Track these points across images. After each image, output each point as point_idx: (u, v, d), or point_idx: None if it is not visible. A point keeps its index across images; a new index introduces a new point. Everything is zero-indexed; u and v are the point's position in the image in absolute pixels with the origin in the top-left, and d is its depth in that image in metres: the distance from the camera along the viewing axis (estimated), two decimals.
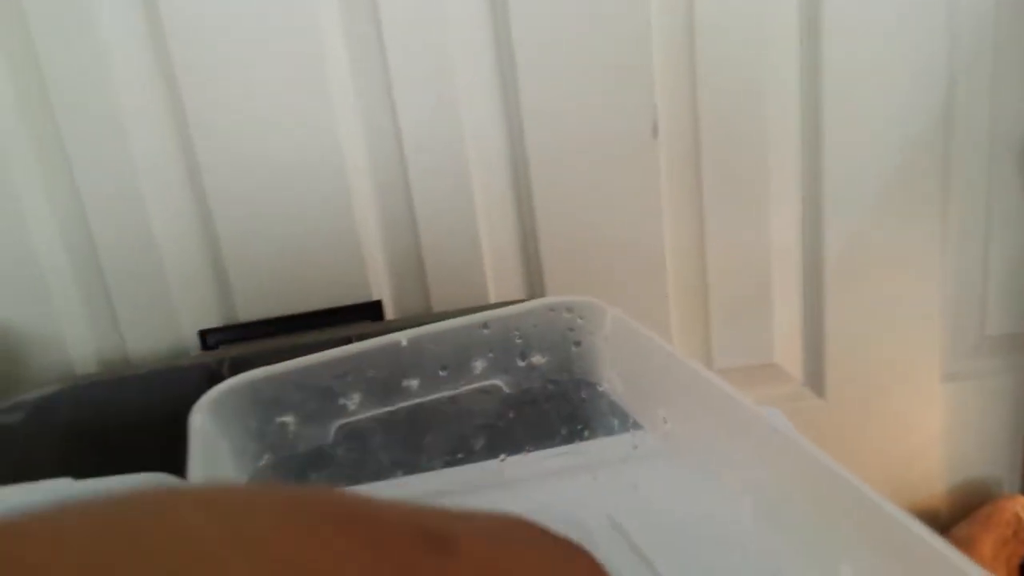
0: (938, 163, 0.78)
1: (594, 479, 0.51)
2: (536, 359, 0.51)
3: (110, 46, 0.68)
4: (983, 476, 0.88)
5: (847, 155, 0.77)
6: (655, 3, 0.73)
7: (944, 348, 0.83)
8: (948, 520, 0.87)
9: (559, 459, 0.52)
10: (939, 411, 0.85)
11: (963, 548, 0.32)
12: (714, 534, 0.42)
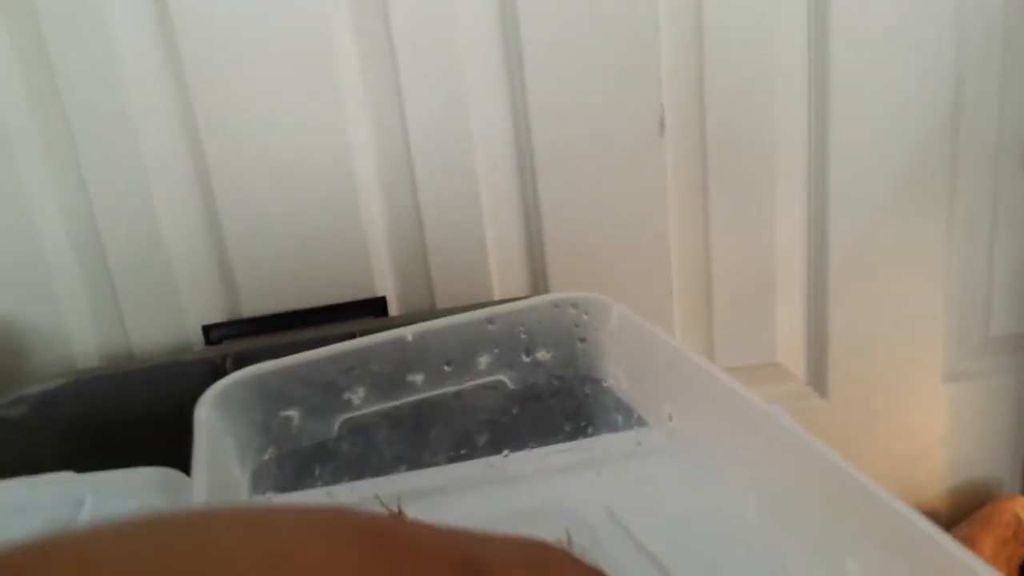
0: (945, 163, 0.78)
1: (598, 475, 0.51)
2: (541, 355, 0.51)
3: (120, 44, 0.68)
4: (985, 477, 0.88)
5: (853, 154, 0.77)
6: (663, 2, 0.73)
7: (948, 348, 0.83)
8: (949, 520, 0.86)
9: (563, 455, 0.52)
10: (942, 411, 0.85)
11: None
12: (719, 530, 0.42)
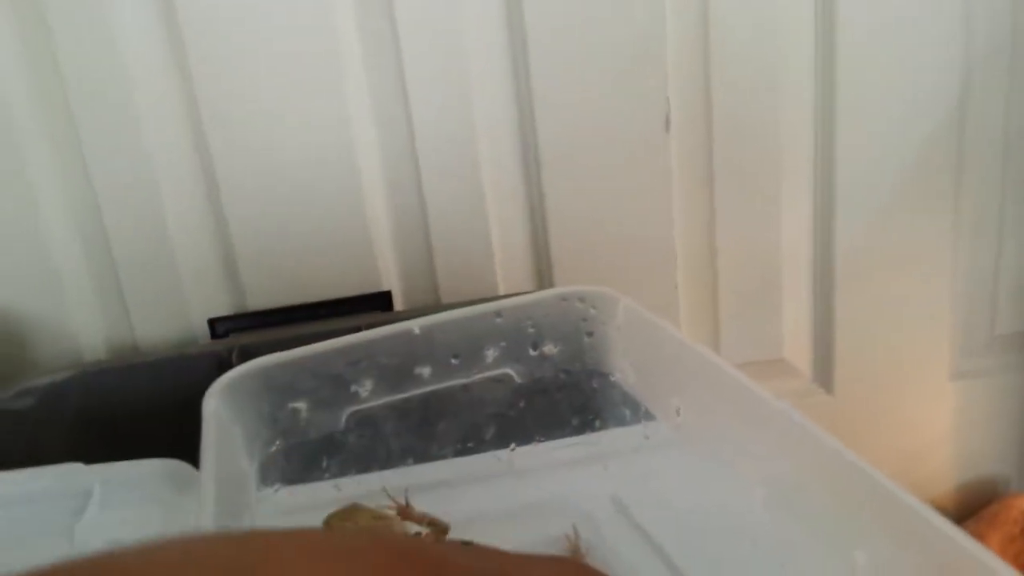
0: (951, 160, 0.78)
1: (605, 469, 0.51)
2: (548, 348, 0.51)
3: (125, 37, 0.68)
4: (991, 474, 0.88)
5: (860, 151, 0.77)
6: None
7: (954, 346, 0.83)
8: (956, 518, 0.86)
9: (570, 449, 0.52)
10: (948, 409, 0.85)
11: None
12: (726, 524, 0.42)
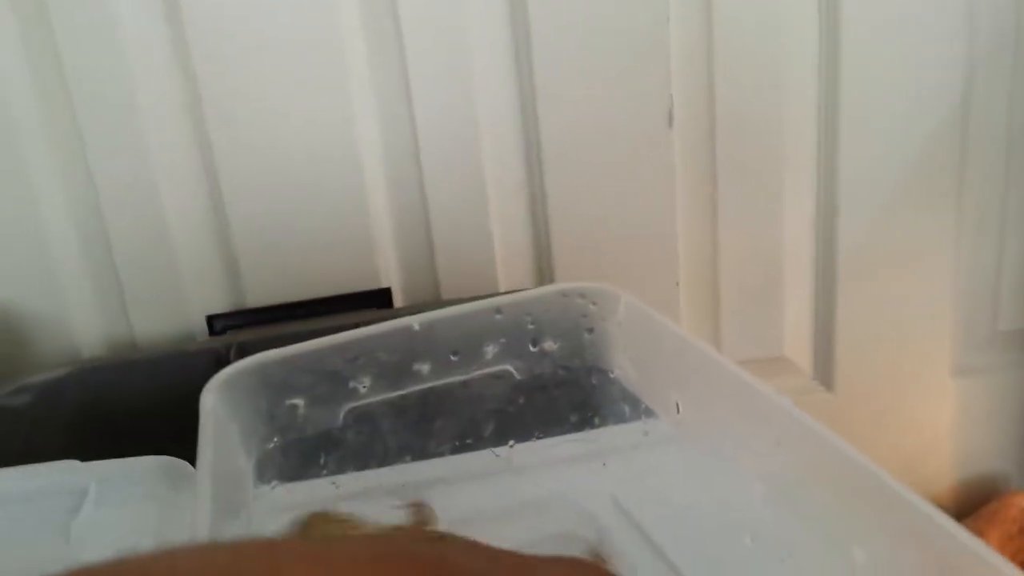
0: (954, 157, 0.78)
1: (604, 466, 0.51)
2: (548, 345, 0.51)
3: (128, 35, 0.68)
4: (992, 472, 0.87)
5: (863, 147, 0.76)
6: None
7: (955, 343, 0.83)
8: (955, 515, 0.85)
9: (569, 446, 0.52)
10: (949, 406, 0.84)
11: None
12: (726, 520, 0.42)
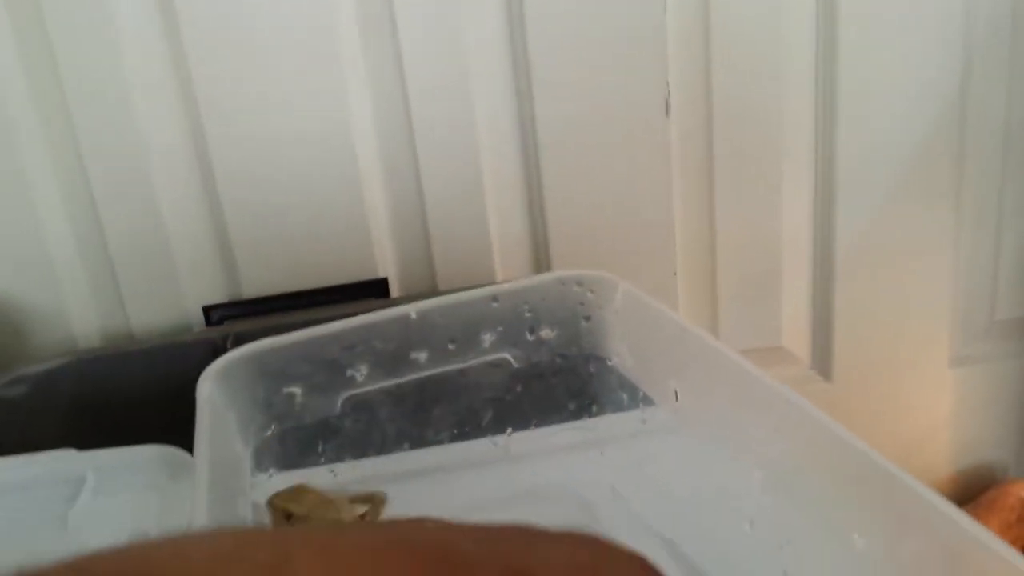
0: (952, 147, 0.78)
1: (601, 454, 0.51)
2: (545, 333, 0.51)
3: (120, 25, 0.68)
4: (990, 461, 0.87)
5: (861, 138, 0.76)
6: None
7: (953, 333, 0.83)
8: (954, 504, 0.86)
9: (567, 434, 0.52)
10: (947, 396, 0.85)
11: None
12: (724, 508, 0.42)
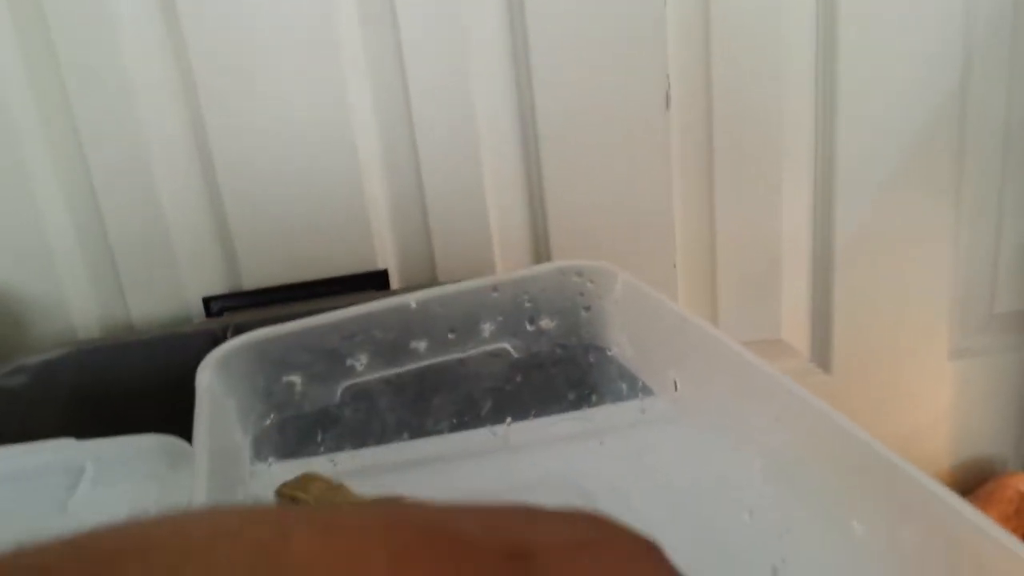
0: (952, 141, 0.78)
1: (601, 444, 0.51)
2: (545, 323, 0.51)
3: (120, 15, 0.68)
4: (988, 454, 0.88)
5: (861, 131, 0.76)
6: None
7: (952, 326, 0.83)
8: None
9: (566, 424, 0.52)
10: (946, 389, 0.85)
11: None
12: (723, 497, 0.42)
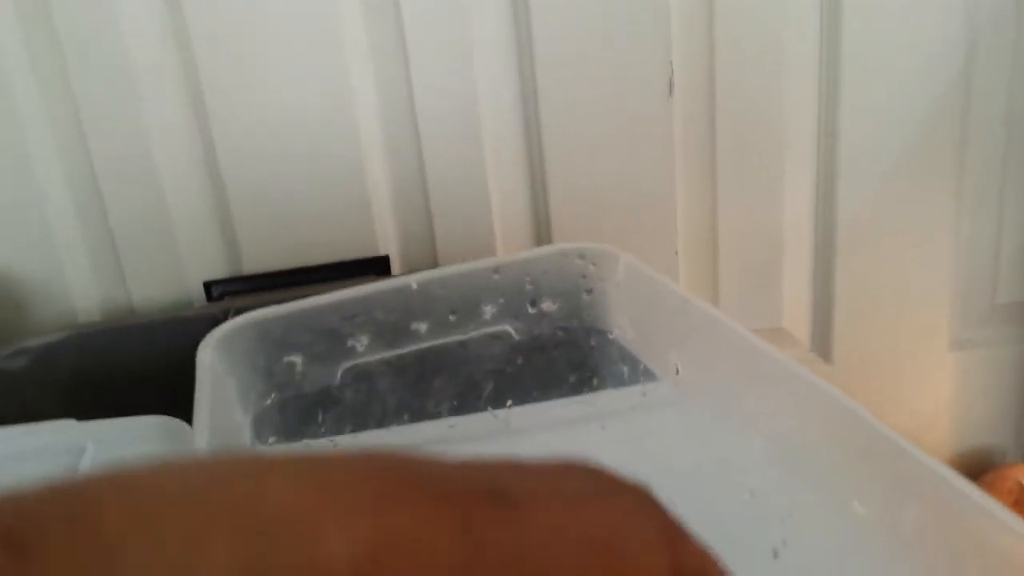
0: (955, 132, 0.77)
1: (602, 428, 0.51)
2: (547, 306, 0.51)
3: (123, 1, 0.67)
4: (988, 445, 0.87)
5: (864, 122, 0.76)
6: None
7: (954, 316, 0.83)
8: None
9: (568, 408, 0.52)
10: (947, 379, 0.84)
11: None
12: (725, 479, 0.42)
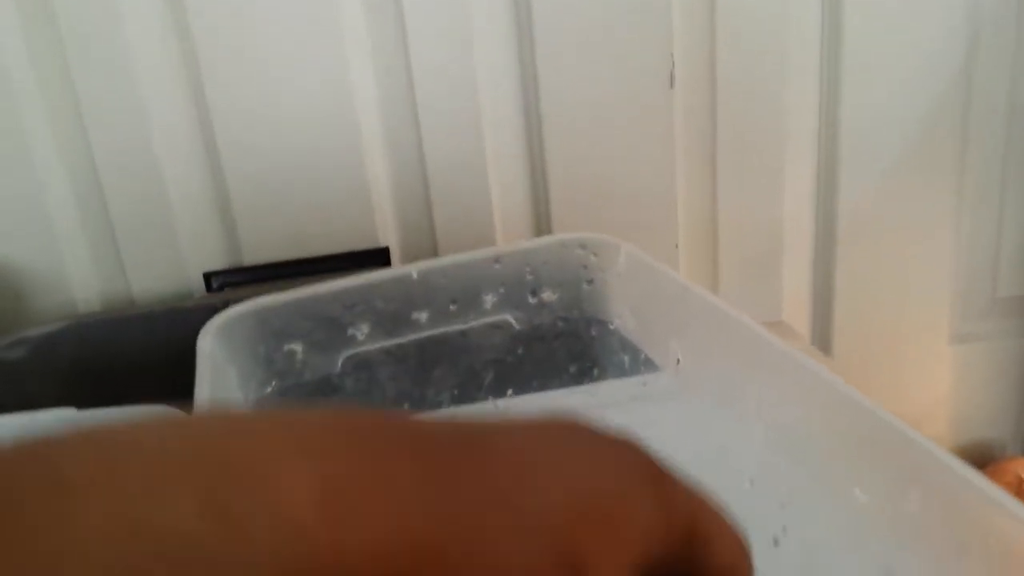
0: (956, 125, 0.77)
1: (603, 418, 0.51)
2: (547, 295, 0.51)
3: None
4: (988, 438, 0.88)
5: (865, 115, 0.76)
6: None
7: (954, 310, 0.83)
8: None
9: (568, 397, 0.52)
10: (947, 373, 0.85)
11: None
12: (726, 467, 0.42)
